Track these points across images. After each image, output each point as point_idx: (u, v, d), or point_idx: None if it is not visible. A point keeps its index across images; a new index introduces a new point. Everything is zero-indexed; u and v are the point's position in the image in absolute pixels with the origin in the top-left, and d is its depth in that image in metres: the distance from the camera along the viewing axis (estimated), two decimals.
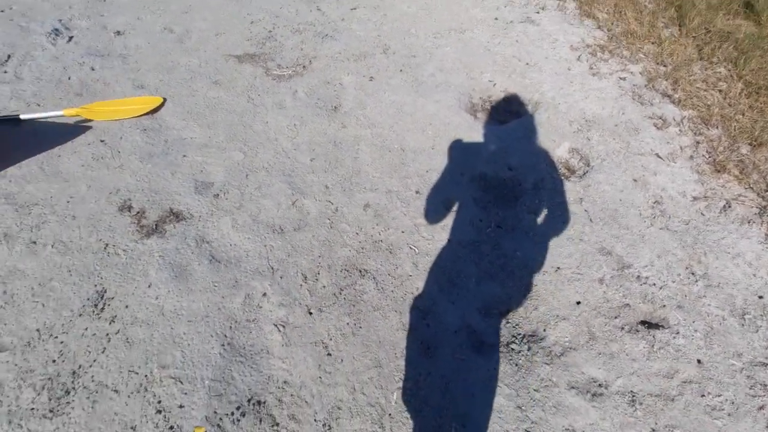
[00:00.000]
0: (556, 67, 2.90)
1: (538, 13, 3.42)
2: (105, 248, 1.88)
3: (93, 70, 2.77)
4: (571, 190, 2.18)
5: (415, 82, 2.77)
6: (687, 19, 3.27)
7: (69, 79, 2.70)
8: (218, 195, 2.09)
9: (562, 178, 2.24)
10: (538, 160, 2.31)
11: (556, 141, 2.41)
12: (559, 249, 1.95)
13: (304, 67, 2.86)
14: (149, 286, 1.77)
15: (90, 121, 2.42)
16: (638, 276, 1.88)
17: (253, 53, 2.96)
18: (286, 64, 2.88)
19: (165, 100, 2.57)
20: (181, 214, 2.01)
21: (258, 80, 2.74)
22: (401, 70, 2.86)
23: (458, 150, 2.34)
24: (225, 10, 3.34)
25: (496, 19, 3.37)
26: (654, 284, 1.86)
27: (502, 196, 2.16)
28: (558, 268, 1.89)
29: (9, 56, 2.83)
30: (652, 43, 3.14)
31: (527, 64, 2.93)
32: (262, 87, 2.70)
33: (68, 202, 2.04)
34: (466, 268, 1.87)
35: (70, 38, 3.03)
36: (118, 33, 3.08)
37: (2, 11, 3.24)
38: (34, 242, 1.87)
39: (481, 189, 2.19)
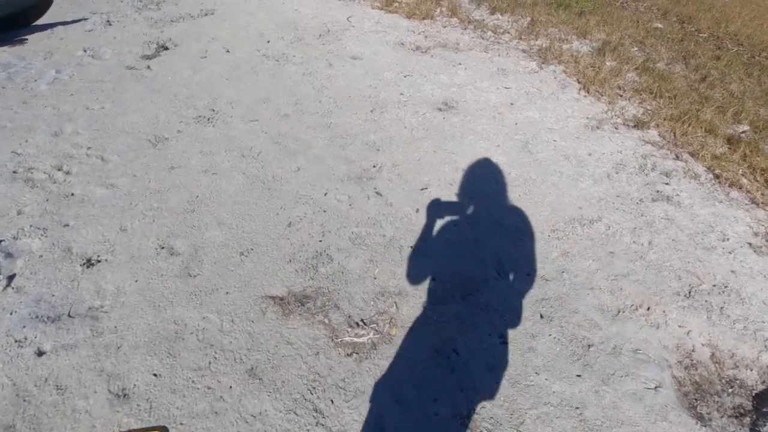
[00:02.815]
0: (757, 291, 1.97)
1: (666, 184, 2.60)
2: None
3: (39, 355, 1.64)
4: None
5: (573, 342, 1.75)
6: None
7: (1, 390, 1.54)
8: None
9: None
10: None
11: None
12: None
13: (390, 320, 1.81)
14: None
15: None
16: None
17: (303, 292, 1.91)
18: (360, 315, 1.83)
19: None
20: None
21: (322, 360, 1.65)
22: (542, 316, 1.85)
23: None
24: (247, 203, 2.35)
25: (618, 196, 2.51)
26: None
27: None
28: None
29: None
30: None
31: (714, 285, 1.99)
32: (333, 379, 1.60)
33: None
34: None
35: (10, 279, 1.93)
36: (89, 263, 2.00)
37: None
38: None
39: None
